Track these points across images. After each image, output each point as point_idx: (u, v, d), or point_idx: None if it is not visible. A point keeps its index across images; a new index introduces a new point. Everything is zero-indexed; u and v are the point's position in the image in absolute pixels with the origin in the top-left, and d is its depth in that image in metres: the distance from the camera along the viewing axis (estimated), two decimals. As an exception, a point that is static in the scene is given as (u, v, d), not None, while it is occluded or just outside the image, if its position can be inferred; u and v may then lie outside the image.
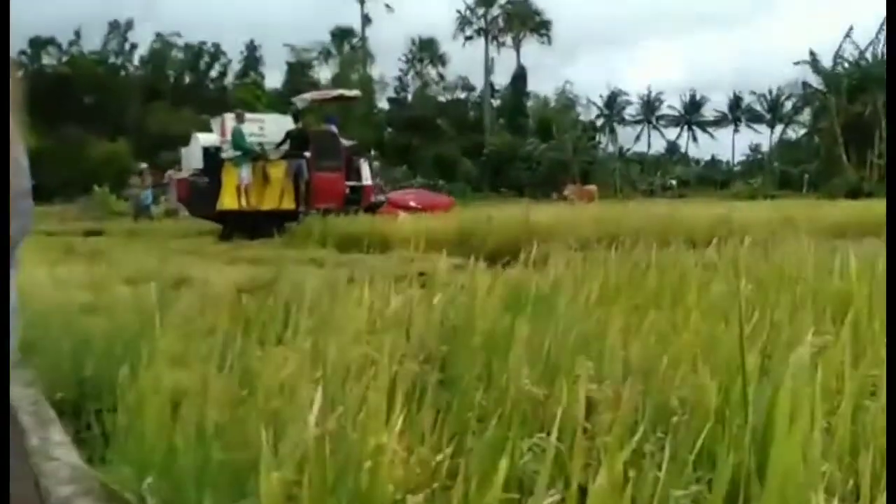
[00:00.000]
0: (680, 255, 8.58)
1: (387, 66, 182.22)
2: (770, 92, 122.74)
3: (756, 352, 4.00)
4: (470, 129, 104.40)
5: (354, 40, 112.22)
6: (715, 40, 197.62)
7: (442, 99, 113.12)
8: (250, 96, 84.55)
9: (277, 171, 28.02)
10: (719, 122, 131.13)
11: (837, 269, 7.12)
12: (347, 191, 29.34)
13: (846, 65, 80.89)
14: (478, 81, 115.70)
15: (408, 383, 4.02)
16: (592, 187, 64.40)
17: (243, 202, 27.49)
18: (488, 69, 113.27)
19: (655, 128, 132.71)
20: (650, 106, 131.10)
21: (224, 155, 27.90)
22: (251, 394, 4.34)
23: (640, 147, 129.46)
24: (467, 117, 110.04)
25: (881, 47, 76.18)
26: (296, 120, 29.72)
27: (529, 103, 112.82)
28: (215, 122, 29.91)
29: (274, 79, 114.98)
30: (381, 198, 31.36)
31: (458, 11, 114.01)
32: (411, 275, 7.26)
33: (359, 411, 3.65)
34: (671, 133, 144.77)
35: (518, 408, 3.93)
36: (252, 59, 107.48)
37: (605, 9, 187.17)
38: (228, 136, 28.01)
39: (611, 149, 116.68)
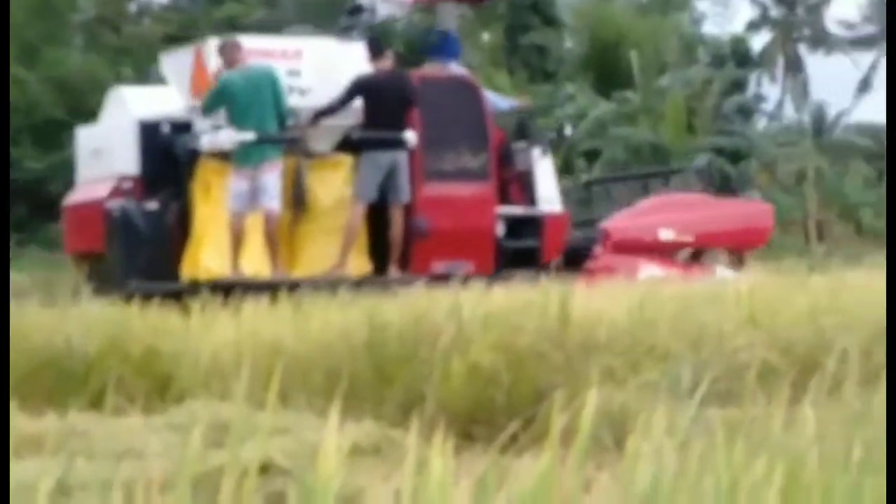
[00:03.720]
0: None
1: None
2: None
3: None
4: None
5: None
6: None
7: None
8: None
9: (332, 181, 13.94)
10: None
11: None
12: (502, 229, 14.54)
13: None
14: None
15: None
16: None
17: (255, 260, 13.21)
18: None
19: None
20: None
21: (204, 142, 13.40)
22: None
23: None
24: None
25: None
26: (374, 50, 14.05)
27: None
28: (173, 61, 15.02)
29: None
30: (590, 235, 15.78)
31: None
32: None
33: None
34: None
35: None
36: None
37: None
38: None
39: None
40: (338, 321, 7.79)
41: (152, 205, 13.57)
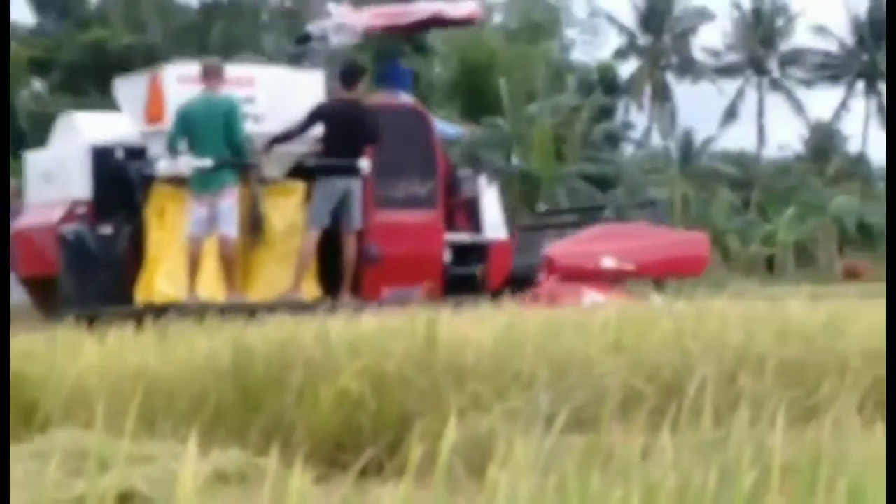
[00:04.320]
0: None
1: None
2: None
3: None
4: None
5: None
6: None
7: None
8: None
9: (283, 208, 14.03)
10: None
11: None
12: (449, 256, 14.79)
13: None
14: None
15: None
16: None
17: (210, 284, 13.22)
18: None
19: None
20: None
21: (161, 167, 13.39)
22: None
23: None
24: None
25: None
26: (348, 79, 14.20)
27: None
28: (126, 87, 14.89)
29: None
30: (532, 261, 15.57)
31: None
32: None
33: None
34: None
35: None
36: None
37: None
38: (168, 119, 13.31)
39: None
40: (203, 347, 7.72)
41: (106, 229, 13.63)
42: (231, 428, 6.69)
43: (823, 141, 67.69)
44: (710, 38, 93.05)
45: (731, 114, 67.93)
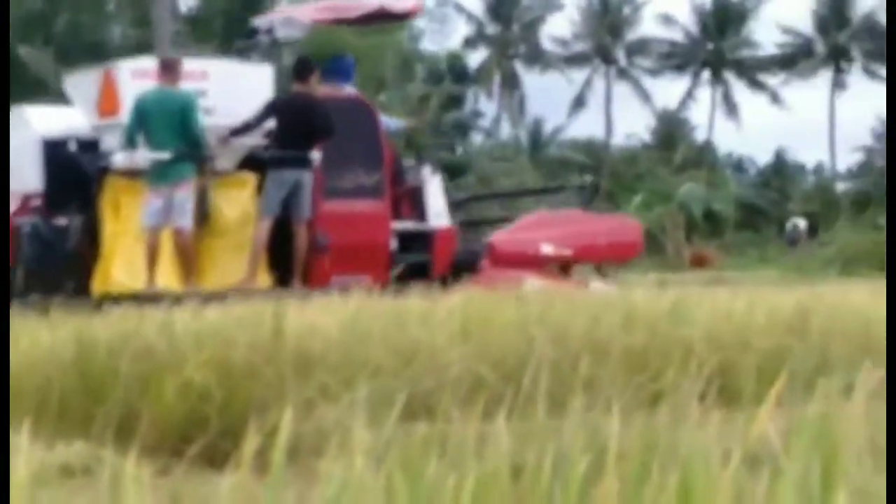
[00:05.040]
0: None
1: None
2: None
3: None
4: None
5: None
6: None
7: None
8: None
9: (236, 199, 14.27)
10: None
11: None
12: (395, 244, 14.97)
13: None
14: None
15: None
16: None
17: (162, 275, 13.26)
18: None
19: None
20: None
21: (117, 160, 13.56)
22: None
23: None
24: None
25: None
26: (302, 73, 14.34)
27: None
28: (77, 82, 15.17)
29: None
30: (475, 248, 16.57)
31: None
32: None
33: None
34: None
35: None
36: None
37: None
38: (124, 112, 13.42)
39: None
40: (47, 339, 7.64)
41: (61, 221, 13.84)
42: (76, 421, 6.64)
43: (670, 129, 68.75)
44: (558, 28, 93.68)
45: (579, 103, 68.61)
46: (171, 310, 7.71)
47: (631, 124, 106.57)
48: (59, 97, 17.43)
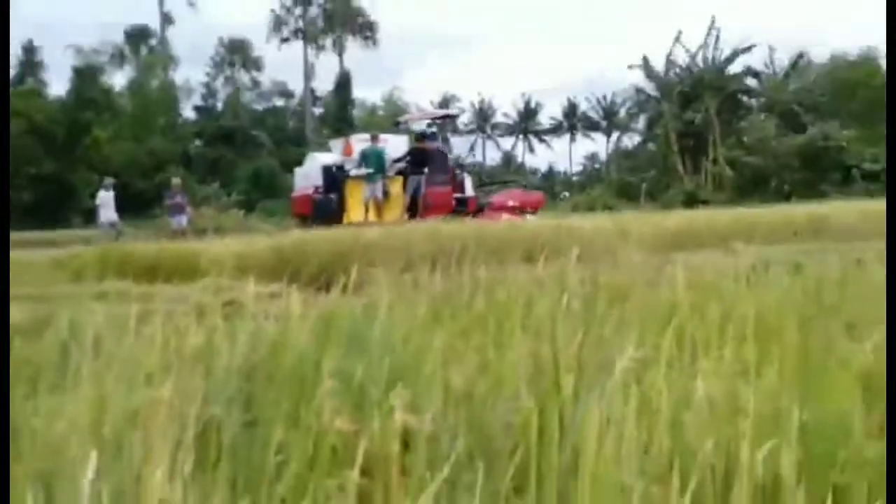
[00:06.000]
0: (511, 272, 8.07)
1: (192, 71, 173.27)
2: (605, 98, 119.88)
3: (575, 370, 3.67)
4: (290, 141, 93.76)
5: (153, 41, 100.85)
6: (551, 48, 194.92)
7: (257, 107, 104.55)
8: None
9: (395, 187, 32.20)
10: (555, 130, 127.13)
11: (668, 280, 6.58)
12: (454, 202, 32.91)
13: (678, 70, 76.18)
14: (297, 87, 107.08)
15: (203, 427, 3.58)
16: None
17: (371, 215, 30.87)
18: (308, 74, 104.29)
19: (490, 137, 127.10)
20: (483, 114, 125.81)
21: (353, 172, 31.56)
22: (17, 452, 3.56)
23: (475, 158, 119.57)
24: (286, 127, 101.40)
25: (711, 52, 74.96)
26: (417, 139, 34.15)
27: (355, 111, 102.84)
28: (336, 142, 35.74)
29: (59, 87, 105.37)
30: (485, 201, 34.92)
31: (273, 10, 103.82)
32: (216, 306, 5.80)
33: (143, 464, 3.20)
34: (506, 143, 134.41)
35: (324, 445, 3.46)
36: (31, 63, 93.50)
37: (436, 12, 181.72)
38: (354, 155, 31.98)
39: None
40: (310, 238, 16.60)
41: (330, 196, 32.25)
42: (280, 274, 12.23)
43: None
44: None
45: None
46: (366, 228, 17.87)
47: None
48: (325, 147, 39.97)
